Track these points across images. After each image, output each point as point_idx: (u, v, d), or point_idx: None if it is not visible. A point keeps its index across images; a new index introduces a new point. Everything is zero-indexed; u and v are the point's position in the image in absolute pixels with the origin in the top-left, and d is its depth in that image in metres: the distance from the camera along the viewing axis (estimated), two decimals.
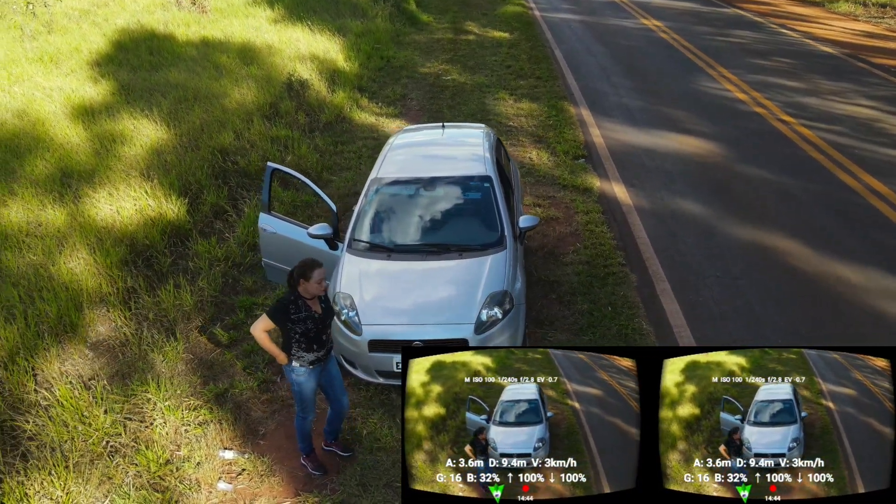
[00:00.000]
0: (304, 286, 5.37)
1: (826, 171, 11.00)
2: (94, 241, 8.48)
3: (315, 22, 19.74)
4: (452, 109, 14.61)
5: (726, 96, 14.94)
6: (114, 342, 7.35)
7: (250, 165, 11.09)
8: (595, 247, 9.06)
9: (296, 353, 5.49)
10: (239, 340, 7.50)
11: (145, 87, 14.43)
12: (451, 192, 7.48)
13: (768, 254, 8.77)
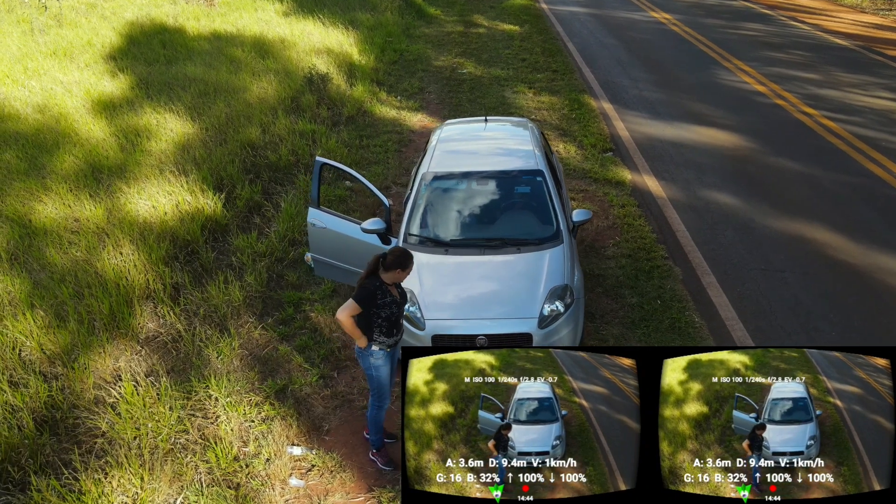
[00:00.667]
0: (396, 274, 5.48)
1: (855, 162, 11.04)
2: (137, 237, 8.42)
3: (326, 15, 19.67)
4: (472, 103, 14.58)
5: (745, 88, 14.96)
6: (165, 338, 7.31)
7: (280, 160, 11.04)
8: (635, 240, 9.07)
9: (377, 338, 5.54)
10: (290, 336, 7.47)
11: (163, 80, 14.35)
12: (504, 186, 7.47)
13: (809, 246, 8.80)
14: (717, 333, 7.33)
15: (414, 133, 13.17)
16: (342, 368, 7.02)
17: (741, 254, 8.72)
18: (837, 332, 7.26)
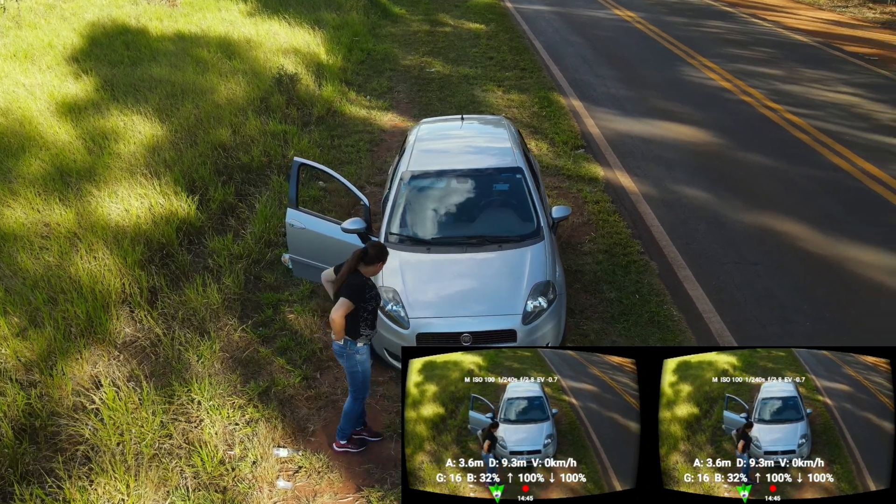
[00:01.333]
0: (377, 267, 5.65)
1: (820, 156, 11.25)
2: (111, 241, 8.30)
3: (291, 15, 19.54)
4: (442, 102, 14.59)
5: (711, 85, 15.17)
6: (143, 342, 7.22)
7: (253, 161, 10.96)
8: (611, 236, 9.15)
9: (363, 332, 5.61)
10: (271, 338, 7.43)
11: (129, 82, 14.15)
12: (484, 184, 7.50)
13: (779, 239, 8.95)
14: (695, 326, 7.43)
15: (385, 132, 13.14)
16: (324, 369, 7.00)
17: (714, 247, 8.84)
18: (811, 323, 7.40)
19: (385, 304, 6.55)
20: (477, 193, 7.46)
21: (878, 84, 14.94)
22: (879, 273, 8.15)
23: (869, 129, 12.32)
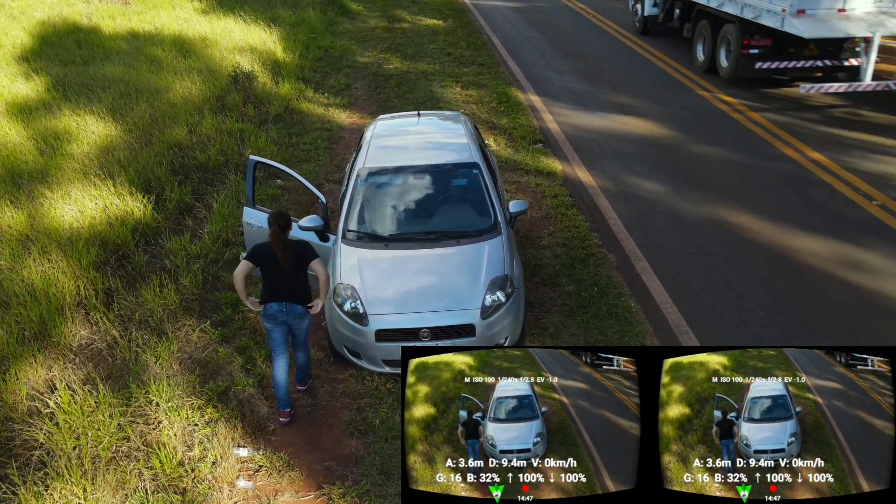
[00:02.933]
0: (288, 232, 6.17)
1: (774, 148, 11.45)
2: (66, 243, 8.17)
3: (246, 12, 19.37)
4: (401, 98, 14.57)
5: (665, 78, 15.33)
6: (100, 345, 7.12)
7: (210, 161, 10.85)
8: (569, 229, 9.22)
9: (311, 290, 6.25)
10: (230, 337, 7.37)
11: (81, 81, 13.94)
12: (441, 179, 7.51)
13: (736, 230, 9.08)
14: (653, 317, 7.52)
15: (343, 130, 13.10)
16: None
17: (672, 240, 8.95)
18: (766, 313, 7.52)
19: (343, 302, 6.54)
20: (434, 189, 7.47)
21: None
22: (828, 263, 8.31)
23: (821, 121, 12.55)
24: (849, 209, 9.47)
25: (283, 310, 6.07)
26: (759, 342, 6.99)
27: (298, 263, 6.07)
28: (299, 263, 6.08)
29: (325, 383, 6.75)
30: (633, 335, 7.19)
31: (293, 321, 6.14)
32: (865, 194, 9.73)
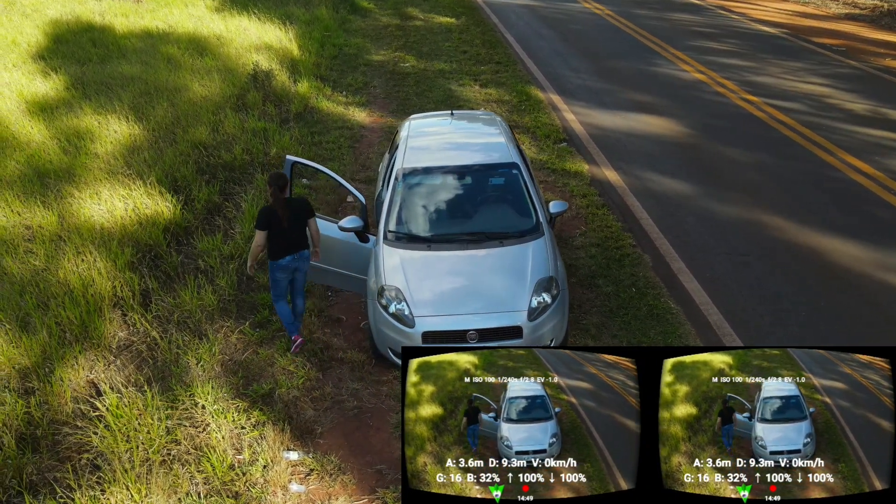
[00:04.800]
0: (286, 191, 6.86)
1: (801, 147, 11.41)
2: (99, 243, 8.13)
3: (260, 10, 19.30)
4: (420, 97, 14.52)
5: (685, 77, 15.31)
6: (140, 346, 7.08)
7: (235, 160, 10.80)
8: (602, 229, 9.19)
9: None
10: (269, 339, 7.33)
11: (99, 80, 13.89)
12: (481, 180, 7.47)
13: (767, 230, 9.05)
14: (694, 318, 7.49)
15: (365, 128, 13.05)
16: (327, 369, 6.92)
17: (705, 239, 8.92)
18: (806, 313, 7.50)
19: (388, 304, 6.50)
20: (474, 190, 7.43)
21: (847, 74, 15.21)
22: (864, 264, 8.28)
23: (844, 119, 12.54)
24: (880, 209, 9.44)
25: (295, 258, 6.88)
26: (803, 342, 6.95)
27: (299, 217, 6.85)
28: (300, 217, 6.86)
29: (370, 385, 6.72)
30: (676, 336, 7.16)
31: (301, 265, 6.97)
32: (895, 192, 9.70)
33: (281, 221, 6.69)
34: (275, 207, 6.74)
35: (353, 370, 6.89)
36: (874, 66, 15.76)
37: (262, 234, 6.75)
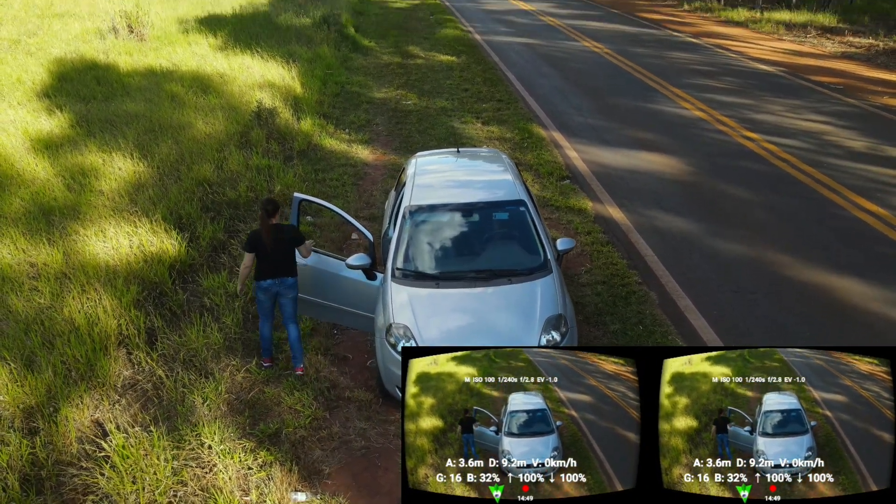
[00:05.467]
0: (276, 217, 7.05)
1: (802, 185, 11.46)
2: (104, 281, 8.10)
3: (263, 49, 19.47)
4: (423, 134, 14.61)
5: (686, 115, 15.41)
6: (145, 385, 7.02)
7: (240, 197, 10.82)
8: (607, 266, 9.19)
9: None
10: (276, 378, 7.27)
11: (103, 118, 13.96)
12: (488, 217, 7.48)
13: (772, 267, 9.06)
14: None
15: (368, 166, 13.10)
16: (334, 409, 6.87)
17: (711, 276, 8.92)
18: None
19: (397, 342, 6.47)
20: (482, 227, 7.44)
21: (846, 112, 15.33)
22: (871, 301, 8.27)
23: (845, 156, 12.61)
24: (885, 246, 9.45)
25: (276, 283, 7.07)
26: None
27: (284, 243, 7.05)
28: (285, 243, 7.06)
29: (377, 425, 6.66)
30: None
31: (284, 291, 7.12)
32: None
33: (265, 246, 6.97)
34: (260, 231, 7.03)
35: (361, 409, 6.84)
36: (872, 104, 15.90)
37: (248, 256, 7.11)
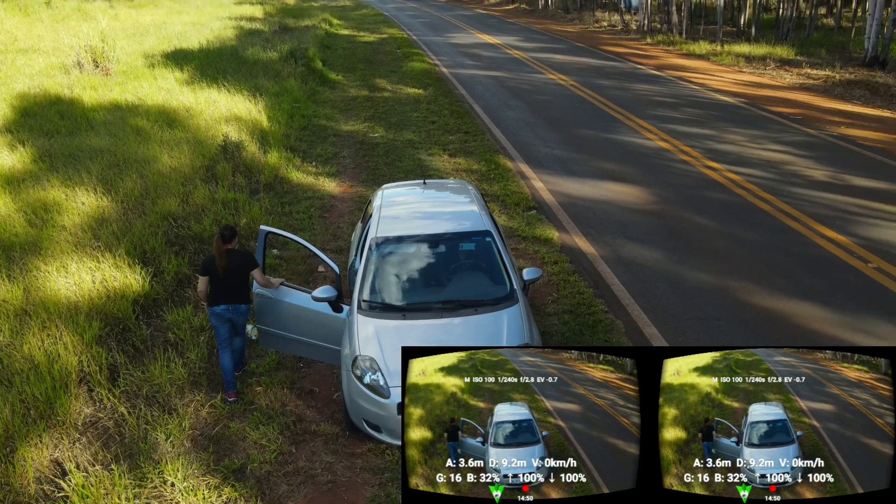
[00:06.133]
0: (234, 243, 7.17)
1: (764, 213, 11.62)
2: (66, 317, 7.97)
3: (229, 82, 19.48)
4: (390, 166, 14.65)
5: (650, 145, 15.62)
6: (106, 423, 6.89)
7: (205, 231, 10.73)
8: (573, 296, 9.22)
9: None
10: (240, 412, 7.18)
11: (67, 153, 13.84)
12: (454, 248, 7.49)
13: (737, 294, 9.15)
14: None
15: (335, 198, 13.10)
16: (300, 443, 6.78)
17: (676, 304, 8.99)
18: None
19: (363, 374, 6.43)
20: (448, 258, 7.45)
21: (806, 142, 15.61)
22: (834, 326, 8.38)
23: (806, 185, 12.82)
24: (847, 273, 9.58)
25: (229, 309, 7.16)
26: None
27: (237, 269, 7.14)
28: (238, 269, 7.14)
29: (344, 458, 6.58)
30: None
31: (237, 318, 7.23)
32: (860, 257, 9.88)
33: (217, 271, 7.06)
34: (214, 256, 7.10)
35: (327, 443, 6.76)
36: (830, 134, 16.22)
37: (202, 280, 7.22)
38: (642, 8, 36.50)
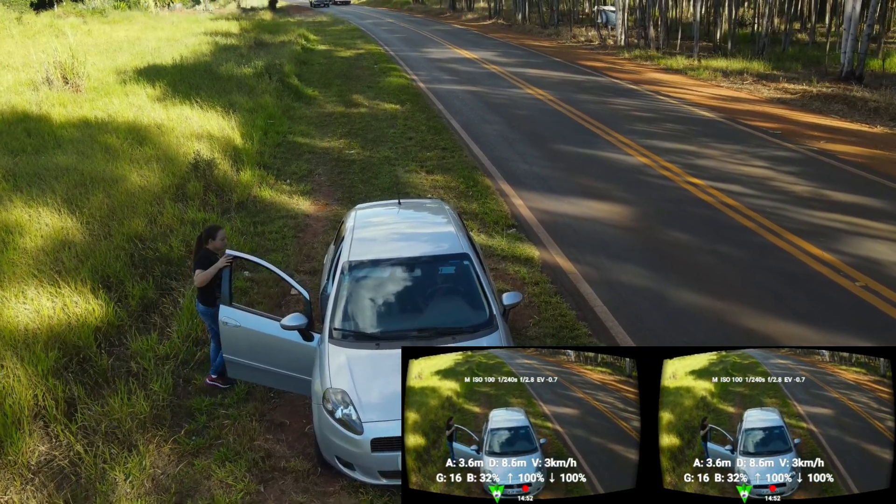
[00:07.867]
0: (212, 244, 7.40)
1: (747, 229, 11.39)
2: (21, 347, 7.56)
3: (203, 99, 19.11)
4: (366, 184, 14.32)
5: (630, 161, 15.40)
6: (61, 462, 6.48)
7: (172, 252, 10.35)
8: (556, 318, 8.92)
9: (218, 295, 7.05)
10: (206, 448, 6.79)
11: (32, 172, 13.40)
12: (431, 272, 7.16)
13: (721, 314, 8.90)
14: None
15: (309, 217, 12.74)
16: (269, 481, 6.40)
17: (661, 325, 8.71)
18: None
19: (334, 409, 6.07)
20: (424, 282, 7.12)
21: (786, 157, 15.46)
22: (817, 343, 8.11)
23: (788, 200, 12.63)
24: (831, 290, 9.36)
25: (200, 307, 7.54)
26: None
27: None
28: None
29: (315, 497, 6.21)
30: None
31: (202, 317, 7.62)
32: (847, 275, 9.66)
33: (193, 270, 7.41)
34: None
35: (298, 481, 6.39)
36: (810, 149, 16.09)
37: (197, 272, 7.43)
38: (619, 23, 36.52)
